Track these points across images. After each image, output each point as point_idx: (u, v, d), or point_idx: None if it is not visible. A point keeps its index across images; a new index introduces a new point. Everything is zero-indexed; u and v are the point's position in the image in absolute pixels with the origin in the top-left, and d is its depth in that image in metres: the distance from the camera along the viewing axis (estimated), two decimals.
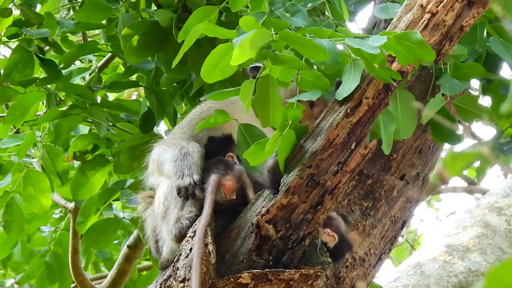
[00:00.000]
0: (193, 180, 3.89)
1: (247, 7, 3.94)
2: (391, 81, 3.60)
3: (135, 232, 5.94)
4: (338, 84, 3.69)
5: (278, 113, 3.59)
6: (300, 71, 3.63)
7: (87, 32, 6.20)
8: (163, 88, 5.09)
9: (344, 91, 3.59)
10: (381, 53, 3.51)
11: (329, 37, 3.56)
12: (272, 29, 3.50)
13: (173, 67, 3.98)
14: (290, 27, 3.75)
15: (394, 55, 3.61)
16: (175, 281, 3.75)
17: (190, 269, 3.67)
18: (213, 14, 3.89)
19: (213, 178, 3.85)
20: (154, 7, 5.11)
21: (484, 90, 4.59)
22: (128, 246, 6.08)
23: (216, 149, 4.10)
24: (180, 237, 3.85)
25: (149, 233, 4.22)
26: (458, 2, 3.79)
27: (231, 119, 3.82)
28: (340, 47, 3.60)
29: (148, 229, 4.22)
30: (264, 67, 3.59)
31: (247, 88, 3.58)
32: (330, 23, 4.16)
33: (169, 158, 4.01)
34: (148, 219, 4.22)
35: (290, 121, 3.67)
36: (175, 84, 5.13)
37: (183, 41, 3.75)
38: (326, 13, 4.24)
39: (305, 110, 3.76)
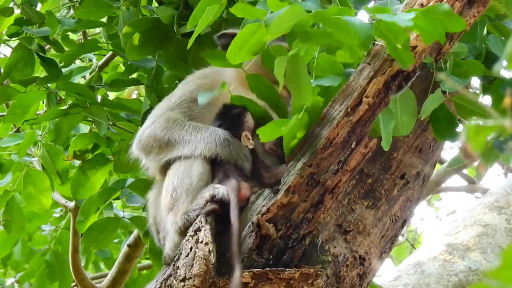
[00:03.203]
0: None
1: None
2: (409, 67, 3.60)
3: (135, 231, 5.94)
4: None
5: (308, 92, 3.60)
6: (316, 56, 3.63)
7: (87, 30, 6.20)
8: (165, 85, 5.09)
9: None
10: (405, 33, 3.50)
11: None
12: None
13: (189, 46, 3.93)
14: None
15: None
16: (175, 280, 3.74)
17: (191, 268, 3.67)
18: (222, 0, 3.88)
19: (234, 183, 3.85)
20: (155, 4, 5.11)
21: (485, 89, 4.60)
22: (128, 245, 6.08)
23: (228, 127, 4.05)
24: (184, 229, 3.84)
25: (151, 221, 4.21)
26: (458, 1, 3.79)
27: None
28: None
29: (150, 218, 4.21)
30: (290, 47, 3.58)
31: (280, 65, 3.56)
32: None
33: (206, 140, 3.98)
34: (150, 208, 4.20)
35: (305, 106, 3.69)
36: (176, 81, 5.13)
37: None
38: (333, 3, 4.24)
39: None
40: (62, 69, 5.11)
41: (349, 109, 3.68)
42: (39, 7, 5.40)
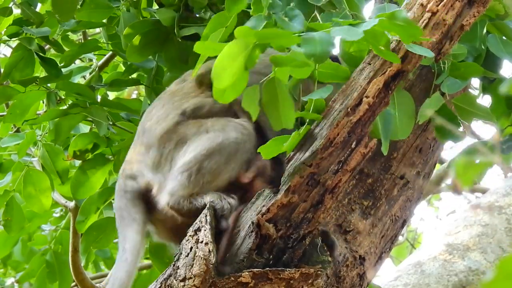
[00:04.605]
0: None
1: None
2: (399, 61, 3.59)
3: None
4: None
5: (289, 114, 3.55)
6: (317, 66, 3.63)
7: (87, 31, 6.20)
8: (166, 86, 5.09)
9: None
10: (385, 35, 3.50)
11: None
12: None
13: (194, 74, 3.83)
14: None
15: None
16: (175, 280, 3.74)
17: (191, 268, 3.67)
18: (229, 21, 3.85)
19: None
20: (155, 6, 5.11)
21: (484, 89, 4.60)
22: None
23: None
24: (178, 210, 3.85)
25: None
26: (458, 1, 3.79)
27: None
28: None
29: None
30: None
31: (250, 95, 3.48)
32: (346, 15, 4.16)
33: None
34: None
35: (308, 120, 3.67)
36: None
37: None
38: (343, 6, 4.25)
39: None
40: (62, 69, 5.11)
41: (349, 109, 3.68)
42: (38, 7, 5.41)
